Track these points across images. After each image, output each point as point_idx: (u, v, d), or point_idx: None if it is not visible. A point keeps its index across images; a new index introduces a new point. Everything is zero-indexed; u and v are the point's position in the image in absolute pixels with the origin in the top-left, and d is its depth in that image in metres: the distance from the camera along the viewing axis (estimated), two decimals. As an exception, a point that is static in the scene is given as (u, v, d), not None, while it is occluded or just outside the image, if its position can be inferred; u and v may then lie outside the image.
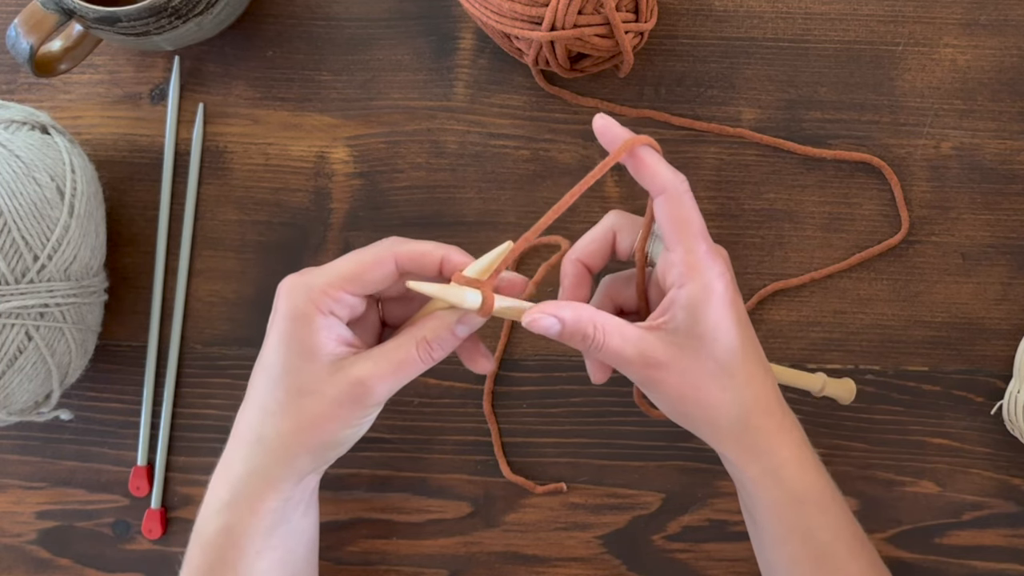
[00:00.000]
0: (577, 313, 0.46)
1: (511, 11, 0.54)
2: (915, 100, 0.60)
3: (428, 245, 0.48)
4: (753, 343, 0.48)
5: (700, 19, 0.61)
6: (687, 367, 0.46)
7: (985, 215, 0.60)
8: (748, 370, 0.47)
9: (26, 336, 0.53)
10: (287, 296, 0.47)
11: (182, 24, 0.56)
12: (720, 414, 0.47)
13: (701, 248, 0.46)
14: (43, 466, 0.61)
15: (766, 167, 0.60)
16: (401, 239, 0.48)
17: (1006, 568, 0.58)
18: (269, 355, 0.47)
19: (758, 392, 0.47)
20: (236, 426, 0.49)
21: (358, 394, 0.46)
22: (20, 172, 0.52)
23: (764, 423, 0.47)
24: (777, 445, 0.48)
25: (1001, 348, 0.59)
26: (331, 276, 0.47)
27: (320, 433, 0.47)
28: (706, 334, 0.46)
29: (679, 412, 0.48)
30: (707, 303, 0.46)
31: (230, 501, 0.48)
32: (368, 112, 0.62)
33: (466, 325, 0.47)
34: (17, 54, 0.55)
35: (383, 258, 0.47)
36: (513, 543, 0.60)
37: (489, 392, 0.60)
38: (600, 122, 0.47)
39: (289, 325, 0.46)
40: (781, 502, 0.48)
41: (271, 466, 0.48)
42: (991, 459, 0.59)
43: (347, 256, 0.48)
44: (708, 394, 0.46)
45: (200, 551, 0.48)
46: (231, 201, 0.62)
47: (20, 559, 0.61)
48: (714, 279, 0.46)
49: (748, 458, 0.48)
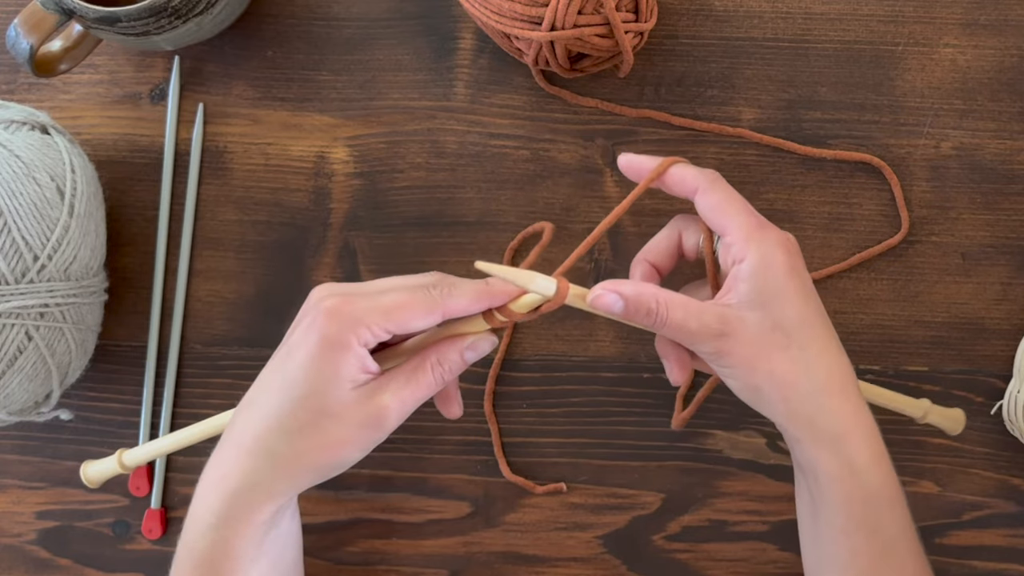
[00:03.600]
0: (638, 289, 0.46)
1: (511, 11, 0.54)
2: (915, 100, 0.60)
3: (472, 298, 0.47)
4: (822, 316, 0.47)
5: (700, 19, 0.61)
6: (754, 336, 0.45)
7: (985, 215, 0.60)
8: (818, 343, 0.46)
9: (26, 336, 0.53)
10: (329, 320, 0.46)
11: (182, 24, 0.56)
12: (791, 388, 0.46)
13: (751, 221, 0.46)
14: (43, 466, 0.61)
15: (766, 167, 0.60)
16: (450, 285, 0.48)
17: (1006, 568, 0.58)
18: (294, 372, 0.46)
19: (831, 367, 0.46)
20: (237, 434, 0.48)
21: (379, 419, 0.47)
22: (20, 172, 0.52)
23: (839, 404, 0.46)
24: (852, 431, 0.46)
25: (1001, 348, 0.59)
26: (378, 313, 0.46)
27: (336, 455, 0.47)
28: (770, 302, 0.45)
29: (750, 386, 0.46)
30: (767, 271, 0.45)
31: (226, 515, 0.47)
32: (368, 112, 0.62)
33: (475, 352, 0.49)
34: (17, 54, 0.55)
35: (432, 310, 0.47)
36: (513, 543, 0.60)
37: (489, 392, 0.60)
38: (624, 160, 0.49)
39: (323, 350, 0.46)
40: (855, 495, 0.46)
41: (276, 481, 0.47)
42: (991, 459, 0.59)
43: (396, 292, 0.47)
44: (778, 364, 0.45)
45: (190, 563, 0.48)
46: (231, 201, 0.62)
47: (20, 559, 0.61)
48: (773, 248, 0.46)
49: (823, 444, 0.46)
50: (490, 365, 0.60)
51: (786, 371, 0.46)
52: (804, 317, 0.46)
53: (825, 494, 0.47)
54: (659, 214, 0.60)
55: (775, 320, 0.45)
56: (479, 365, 0.60)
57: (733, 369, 0.46)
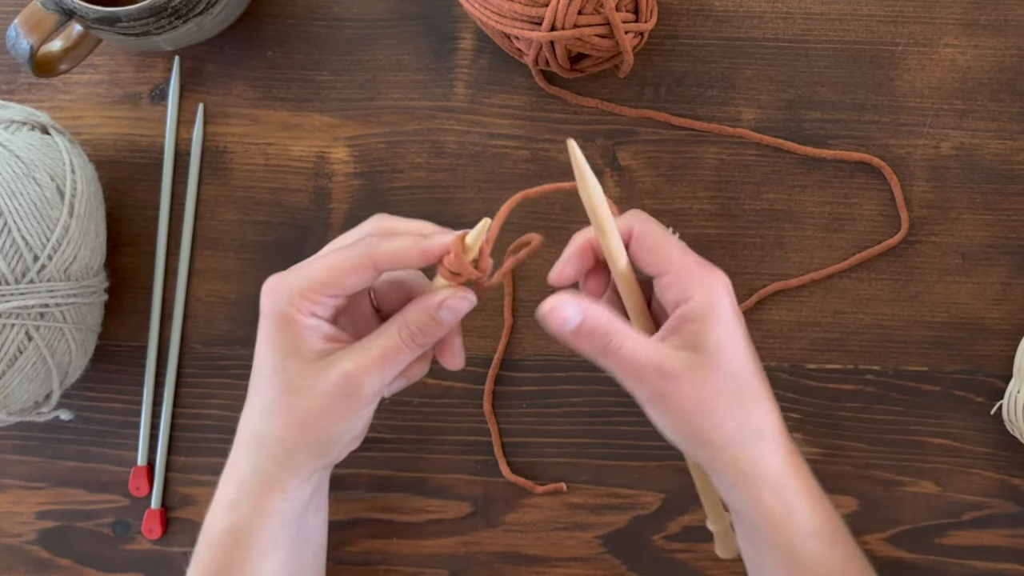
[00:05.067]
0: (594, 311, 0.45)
1: (511, 11, 0.54)
2: (915, 100, 0.60)
3: (406, 242, 0.46)
4: (758, 362, 0.47)
5: (700, 19, 0.61)
6: (700, 381, 0.45)
7: (985, 215, 0.60)
8: (758, 390, 0.46)
9: (26, 336, 0.53)
10: (268, 299, 0.47)
11: (182, 24, 0.56)
12: (730, 433, 0.45)
13: (690, 259, 0.46)
14: (43, 466, 0.61)
15: (766, 167, 0.60)
16: (380, 233, 0.47)
17: (1006, 568, 0.58)
18: (258, 356, 0.48)
19: (767, 414, 0.46)
20: (239, 427, 0.49)
21: (348, 387, 0.46)
22: (20, 172, 0.52)
23: (776, 449, 0.46)
24: (790, 475, 0.46)
25: (1001, 348, 0.59)
26: (309, 281, 0.46)
27: (315, 430, 0.47)
28: (719, 348, 0.45)
29: (687, 430, 0.46)
30: (714, 314, 0.45)
31: (236, 500, 0.48)
32: (368, 112, 0.62)
33: (449, 311, 0.46)
34: (17, 54, 0.55)
35: (361, 264, 0.46)
36: (513, 543, 0.60)
37: (489, 392, 0.60)
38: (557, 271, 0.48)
39: (273, 327, 0.46)
40: (795, 537, 0.46)
41: (272, 466, 0.48)
42: (991, 459, 0.59)
43: (325, 257, 0.47)
44: (720, 410, 0.45)
45: (207, 549, 0.49)
46: (231, 201, 0.62)
47: (20, 559, 0.61)
48: (719, 291, 0.45)
49: (761, 488, 0.46)
50: (490, 365, 0.60)
51: (727, 417, 0.45)
52: (745, 364, 0.46)
53: (765, 538, 0.47)
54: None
55: (723, 366, 0.45)
56: (479, 365, 0.60)
57: (670, 412, 0.46)
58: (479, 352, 0.60)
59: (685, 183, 0.60)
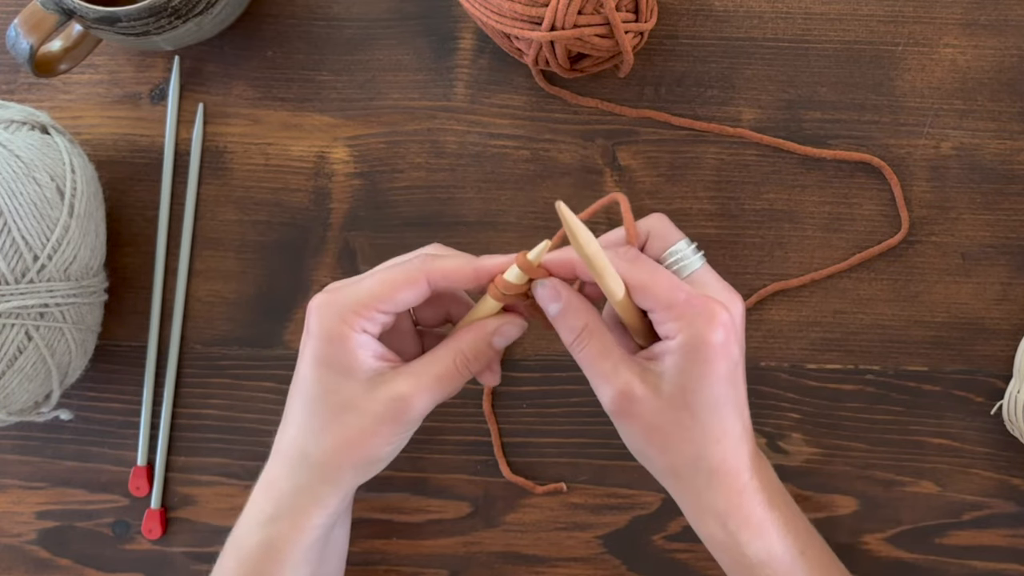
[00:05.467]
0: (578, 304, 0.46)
1: (511, 11, 0.54)
2: (915, 100, 0.60)
3: (459, 260, 0.47)
4: (735, 397, 0.46)
5: (700, 19, 0.61)
6: (660, 409, 0.45)
7: (985, 215, 0.60)
8: (721, 427, 0.46)
9: (26, 336, 0.53)
10: (318, 316, 0.46)
11: (182, 24, 0.56)
12: (683, 467, 0.46)
13: (677, 297, 0.45)
14: (43, 466, 0.61)
15: (766, 167, 0.60)
16: (434, 254, 0.48)
17: (1006, 568, 0.58)
18: (305, 375, 0.47)
19: (728, 453, 0.46)
20: (277, 444, 0.49)
21: (398, 410, 0.46)
22: (20, 172, 0.52)
23: (727, 484, 0.46)
24: (737, 507, 0.46)
25: (1001, 348, 0.59)
26: (362, 296, 0.46)
27: (363, 449, 0.47)
28: (688, 383, 0.45)
29: (642, 454, 0.47)
30: (695, 353, 0.45)
31: (274, 516, 0.48)
32: (368, 112, 0.62)
33: (503, 337, 0.47)
34: (17, 54, 0.55)
35: (415, 279, 0.46)
36: (513, 543, 0.60)
37: (489, 392, 0.60)
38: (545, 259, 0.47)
39: (323, 345, 0.46)
40: (739, 564, 0.47)
41: (316, 483, 0.47)
42: (991, 459, 0.59)
43: (378, 273, 0.47)
44: (675, 444, 0.46)
45: (238, 564, 0.48)
46: (231, 201, 0.62)
47: (20, 559, 0.61)
48: (705, 329, 0.44)
49: (705, 518, 0.47)
50: (490, 365, 0.60)
51: (682, 451, 0.46)
52: (717, 403, 0.45)
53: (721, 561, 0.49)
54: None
55: (687, 401, 0.45)
56: (479, 365, 0.60)
57: (631, 430, 0.47)
58: (479, 352, 0.60)
59: (685, 183, 0.60)
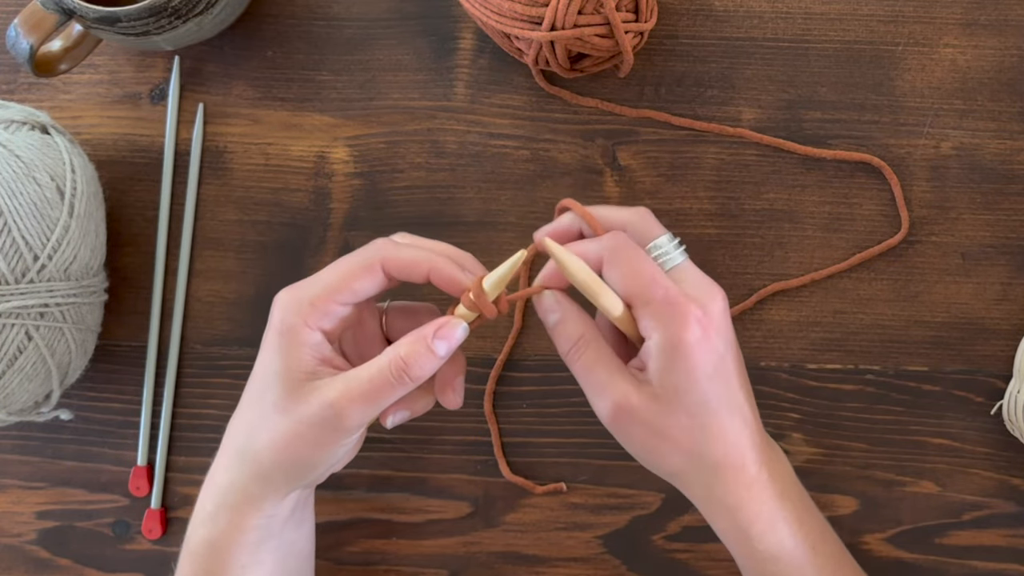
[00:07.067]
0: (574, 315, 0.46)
1: (511, 11, 0.54)
2: (915, 100, 0.60)
3: (417, 254, 0.46)
4: (728, 394, 0.46)
5: (700, 19, 0.61)
6: (657, 416, 0.45)
7: (985, 215, 0.60)
8: (720, 424, 0.45)
9: (26, 336, 0.53)
10: (277, 309, 0.46)
11: (182, 24, 0.56)
12: (687, 467, 0.46)
13: (656, 294, 0.44)
14: (43, 466, 0.61)
15: (766, 167, 0.60)
16: (391, 244, 0.47)
17: (1006, 568, 0.58)
18: (256, 368, 0.47)
19: (729, 448, 0.46)
20: (226, 434, 0.49)
21: (328, 417, 0.44)
22: (20, 172, 0.52)
23: (734, 478, 0.46)
24: (747, 501, 0.46)
25: (1001, 348, 0.59)
26: (318, 290, 0.46)
27: (291, 453, 0.46)
28: (678, 386, 0.44)
29: (646, 460, 0.47)
30: (673, 352, 0.44)
31: (213, 513, 0.48)
32: (368, 112, 0.62)
33: (444, 340, 0.45)
34: (17, 54, 0.55)
35: (370, 265, 0.46)
36: (513, 543, 0.60)
37: (489, 392, 0.60)
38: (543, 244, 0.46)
39: (276, 339, 0.46)
40: (753, 558, 0.47)
41: (248, 481, 0.47)
42: (991, 459, 0.59)
43: (335, 264, 0.47)
44: (676, 446, 0.45)
45: (188, 559, 0.49)
46: (231, 201, 0.62)
47: (20, 559, 0.61)
48: (681, 327, 0.44)
49: (716, 513, 0.47)
50: (491, 365, 0.60)
51: (684, 452, 0.46)
52: (708, 399, 0.45)
53: (733, 553, 0.48)
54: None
55: (681, 402, 0.45)
56: (479, 365, 0.60)
57: (631, 440, 0.47)
58: (479, 352, 0.60)
59: (685, 183, 0.60)
